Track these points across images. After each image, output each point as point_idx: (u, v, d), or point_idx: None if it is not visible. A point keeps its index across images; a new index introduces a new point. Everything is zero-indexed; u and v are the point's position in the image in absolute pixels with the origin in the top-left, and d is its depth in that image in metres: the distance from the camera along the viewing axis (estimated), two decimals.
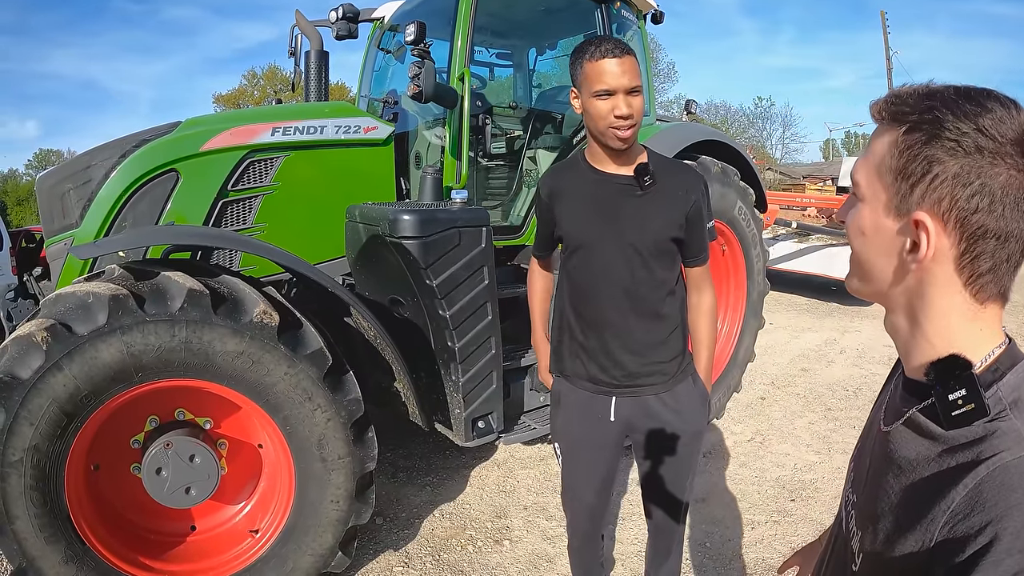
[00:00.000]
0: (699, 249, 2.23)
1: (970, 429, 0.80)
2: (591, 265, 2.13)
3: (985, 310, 0.85)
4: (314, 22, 4.56)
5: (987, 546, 0.71)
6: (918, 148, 0.82)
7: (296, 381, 2.62)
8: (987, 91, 0.82)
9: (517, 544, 3.49)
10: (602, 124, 1.99)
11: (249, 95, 41.79)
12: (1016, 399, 0.80)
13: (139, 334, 2.38)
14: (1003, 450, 0.76)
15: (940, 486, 0.79)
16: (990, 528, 0.71)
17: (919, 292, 0.87)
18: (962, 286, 0.84)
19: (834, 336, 8.04)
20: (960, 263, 0.83)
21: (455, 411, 3.32)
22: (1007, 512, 0.71)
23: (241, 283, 2.71)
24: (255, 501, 2.95)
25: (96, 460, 2.66)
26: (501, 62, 5.23)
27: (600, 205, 2.10)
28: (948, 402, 0.82)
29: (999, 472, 0.74)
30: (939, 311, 0.86)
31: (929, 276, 0.85)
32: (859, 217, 0.92)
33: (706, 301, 2.31)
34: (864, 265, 0.94)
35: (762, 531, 3.68)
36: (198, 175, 3.34)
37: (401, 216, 2.99)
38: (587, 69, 1.97)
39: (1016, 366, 0.84)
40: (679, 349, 2.24)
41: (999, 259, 0.82)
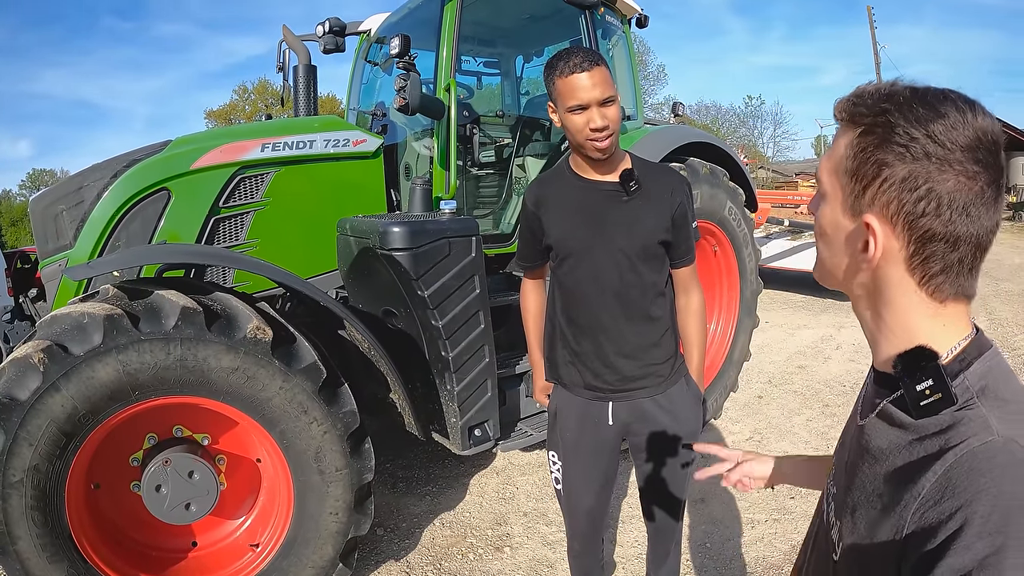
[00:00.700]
0: (686, 250, 2.26)
1: (938, 418, 0.82)
2: (581, 272, 2.15)
3: (945, 308, 0.87)
4: (301, 36, 4.59)
5: (957, 531, 0.72)
6: (870, 151, 0.84)
7: (291, 395, 2.64)
8: (944, 94, 0.83)
9: (518, 551, 3.50)
10: (580, 137, 2.01)
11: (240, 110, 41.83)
12: (983, 387, 0.82)
13: (135, 353, 2.41)
14: (970, 436, 0.78)
15: (910, 474, 0.82)
16: (960, 513, 0.73)
17: (877, 290, 0.90)
18: (916, 286, 0.86)
19: (830, 332, 8.05)
20: (911, 264, 0.85)
21: (451, 420, 3.33)
22: (976, 497, 0.73)
23: (234, 299, 2.73)
24: (255, 515, 2.96)
25: (96, 479, 2.67)
26: (488, 70, 5.26)
27: (587, 212, 2.13)
28: (916, 392, 0.84)
29: (967, 458, 0.76)
30: (898, 308, 0.88)
31: (883, 276, 0.88)
32: (821, 214, 0.95)
33: (694, 302, 2.34)
34: (824, 261, 0.97)
35: (762, 529, 3.69)
36: (189, 193, 3.37)
37: (391, 228, 3.01)
38: (559, 85, 1.99)
39: (983, 355, 0.86)
40: (672, 351, 2.27)
41: (950, 261, 0.83)
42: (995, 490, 0.73)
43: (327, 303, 2.95)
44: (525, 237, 2.33)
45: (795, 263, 9.61)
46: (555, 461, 2.39)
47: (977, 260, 0.85)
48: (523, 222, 2.32)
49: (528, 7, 4.55)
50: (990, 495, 0.72)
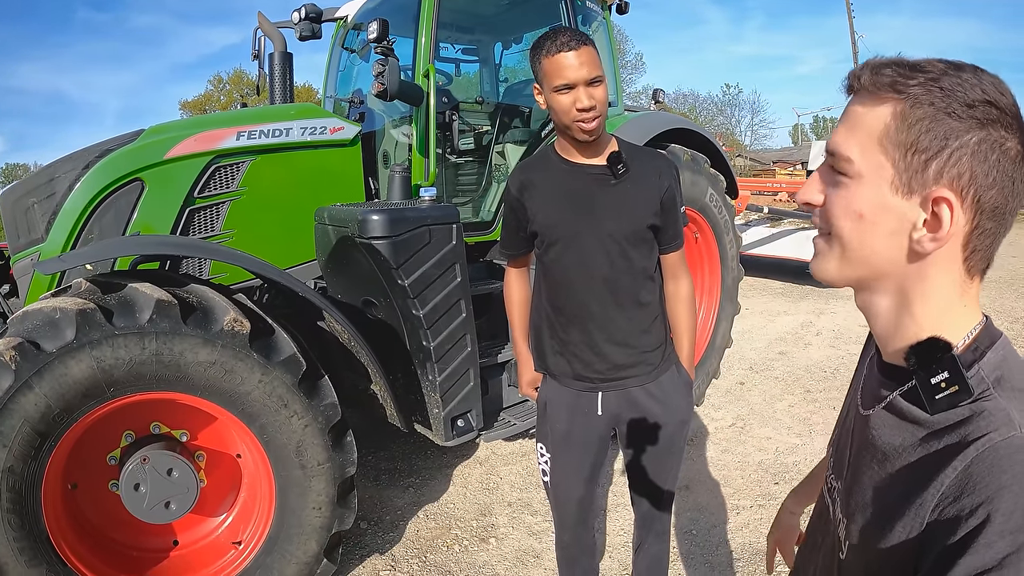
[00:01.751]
0: (674, 235, 2.23)
1: (955, 411, 0.79)
2: (569, 258, 2.11)
3: (972, 284, 0.83)
4: (277, 23, 4.51)
5: (978, 527, 0.70)
6: (930, 121, 0.77)
7: (271, 388, 2.58)
8: (972, 64, 0.79)
9: (503, 541, 3.48)
10: (566, 118, 1.97)
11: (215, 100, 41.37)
12: (999, 377, 0.79)
13: (109, 348, 2.33)
14: (991, 431, 0.75)
15: (928, 470, 0.78)
16: (981, 510, 0.71)
17: (919, 273, 0.83)
18: (962, 262, 0.82)
19: (810, 319, 8.10)
20: (968, 240, 0.80)
21: (433, 411, 3.29)
22: (998, 493, 0.71)
23: (210, 291, 2.67)
24: (236, 512, 2.90)
25: (73, 479, 2.61)
26: (467, 57, 5.20)
27: (574, 197, 2.09)
28: (931, 385, 0.80)
29: (988, 453, 0.73)
30: (933, 289, 0.83)
31: (936, 254, 0.81)
32: (853, 197, 0.84)
33: (684, 288, 2.31)
34: (856, 249, 0.86)
35: (747, 515, 3.69)
36: (163, 183, 3.29)
37: (370, 216, 2.96)
38: (545, 65, 1.95)
39: (995, 344, 0.83)
40: (662, 337, 2.24)
41: (998, 232, 0.80)
42: (1018, 487, 0.70)
43: (306, 294, 2.89)
44: (509, 224, 2.28)
45: (774, 250, 9.66)
46: (543, 452, 2.36)
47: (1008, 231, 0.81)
48: (506, 209, 2.27)
49: None
50: (1012, 492, 0.70)
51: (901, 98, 0.79)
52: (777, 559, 1.57)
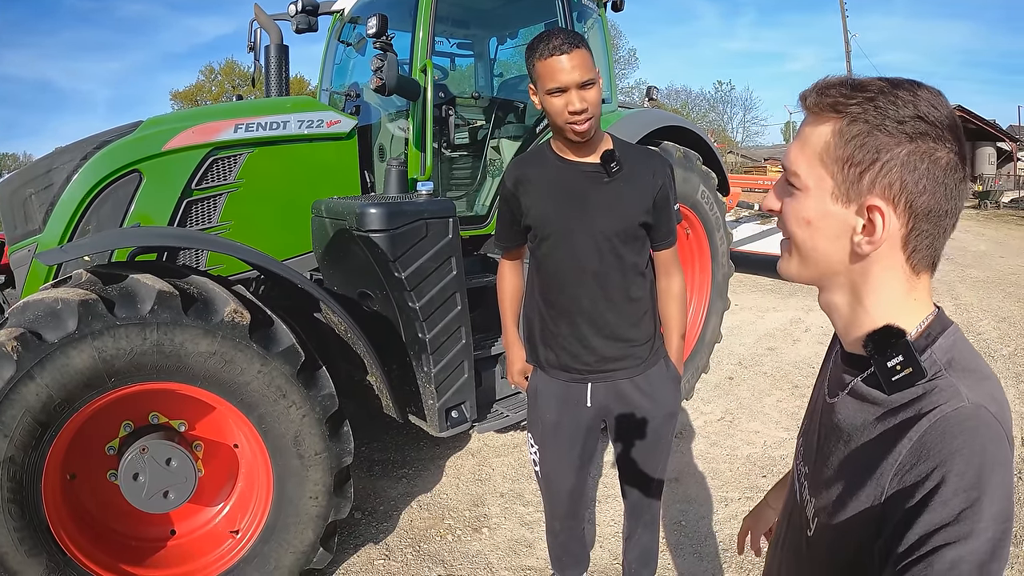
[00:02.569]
0: (667, 232, 2.27)
1: (910, 391, 0.87)
2: (561, 253, 2.16)
3: (919, 280, 0.92)
4: (273, 16, 4.52)
5: (935, 489, 0.78)
6: (864, 137, 0.86)
7: (269, 379, 2.62)
8: (912, 81, 0.88)
9: (496, 531, 3.53)
10: (559, 119, 2.02)
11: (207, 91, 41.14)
12: (950, 360, 0.87)
13: (110, 339, 2.36)
14: (942, 403, 0.83)
15: (886, 443, 0.86)
16: (936, 472, 0.78)
17: (863, 270, 0.92)
18: (903, 262, 0.90)
19: (798, 315, 8.17)
20: (906, 241, 0.89)
21: (428, 402, 3.33)
22: (950, 456, 0.78)
23: (211, 283, 2.70)
24: (234, 501, 2.94)
25: (72, 469, 2.63)
26: (462, 52, 5.22)
27: (568, 193, 2.13)
28: (887, 368, 0.89)
29: (940, 422, 0.81)
30: (880, 285, 0.92)
31: (877, 255, 0.90)
32: (800, 206, 0.95)
33: (675, 285, 2.36)
34: (808, 252, 0.96)
35: (735, 507, 3.75)
36: (161, 175, 3.31)
37: (368, 209, 3.00)
38: (538, 68, 1.99)
39: (946, 330, 0.91)
40: (651, 332, 2.28)
41: (936, 233, 0.89)
42: (967, 450, 0.78)
43: (304, 285, 2.93)
44: (504, 218, 2.33)
45: (765, 247, 9.73)
46: (533, 443, 2.41)
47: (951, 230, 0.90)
48: (501, 202, 2.32)
49: None
50: (964, 454, 0.78)
51: (840, 117, 0.89)
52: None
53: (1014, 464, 0.84)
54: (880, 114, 0.85)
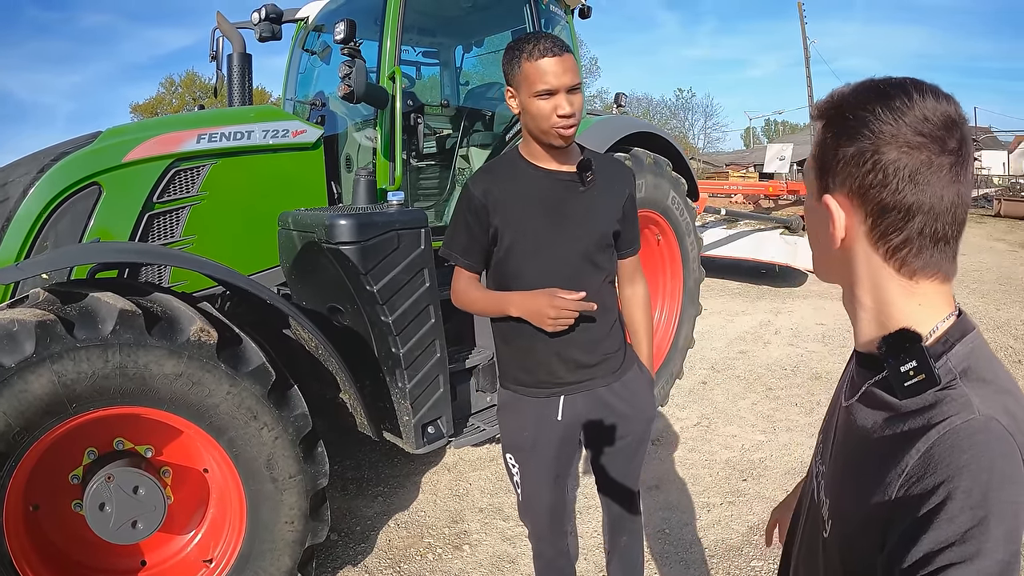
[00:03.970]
0: (632, 239, 2.27)
1: (922, 397, 0.85)
2: (538, 266, 2.08)
3: (918, 286, 0.90)
4: (236, 24, 4.41)
5: (940, 505, 0.75)
6: (830, 139, 0.91)
7: (239, 400, 2.51)
8: (899, 81, 0.89)
9: (477, 548, 3.44)
10: (545, 124, 1.95)
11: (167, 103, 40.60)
12: (965, 368, 0.85)
13: (70, 362, 2.22)
14: (952, 415, 0.80)
15: (895, 452, 0.84)
16: (943, 488, 0.76)
17: (853, 271, 0.94)
18: (883, 261, 0.90)
19: (768, 317, 8.24)
20: (872, 238, 0.90)
21: (403, 418, 3.24)
22: (958, 472, 0.76)
23: (175, 300, 2.58)
24: (205, 529, 2.80)
25: (35, 500, 2.49)
26: (427, 60, 5.16)
27: (546, 204, 2.07)
28: (900, 373, 0.87)
29: (949, 435, 0.79)
30: (871, 285, 0.93)
31: (854, 255, 0.93)
32: (806, 208, 1.03)
33: (640, 291, 2.36)
34: (813, 252, 1.04)
35: (718, 513, 3.73)
36: (121, 188, 3.18)
37: (337, 221, 2.90)
38: (527, 68, 1.92)
39: (965, 336, 0.89)
40: (621, 339, 2.26)
41: (910, 232, 0.87)
42: (975, 465, 0.76)
43: (273, 301, 2.82)
44: (470, 230, 2.12)
45: (732, 251, 9.80)
46: (514, 463, 2.30)
47: (941, 232, 0.87)
48: (466, 214, 2.11)
49: None
50: (971, 470, 0.76)
51: (822, 122, 0.94)
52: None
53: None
54: (842, 116, 0.89)
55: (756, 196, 11.28)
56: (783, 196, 10.80)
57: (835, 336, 7.36)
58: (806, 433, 4.78)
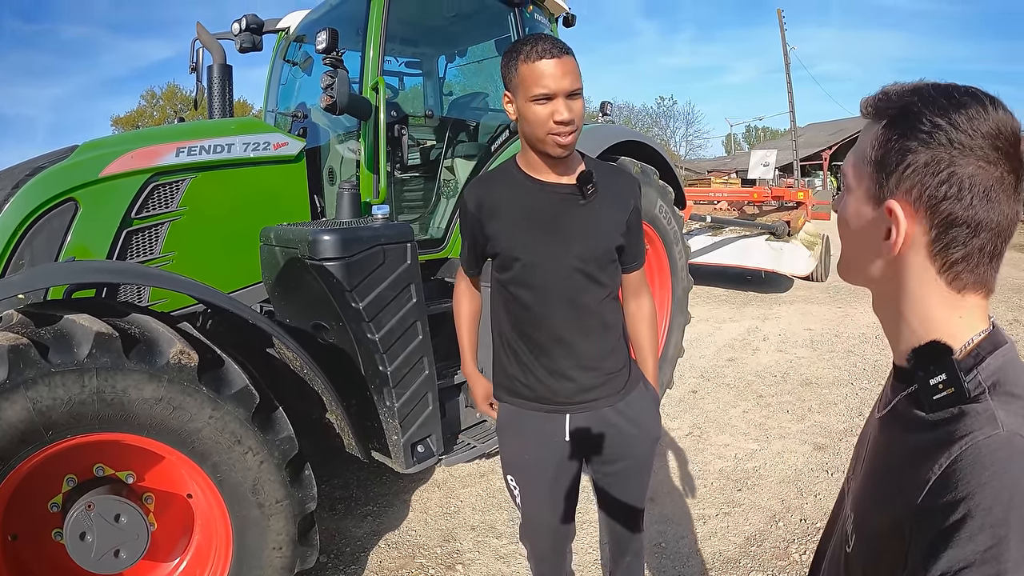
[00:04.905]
0: (637, 253, 2.17)
1: (948, 411, 0.83)
2: (535, 281, 1.99)
3: (964, 299, 0.87)
4: (216, 35, 4.34)
5: (960, 522, 0.73)
6: (895, 140, 0.86)
7: (223, 424, 2.42)
8: (967, 89, 0.85)
9: (471, 567, 3.36)
10: (541, 131, 1.85)
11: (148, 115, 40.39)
12: (995, 382, 0.83)
13: (45, 388, 2.13)
14: (975, 430, 0.78)
15: (918, 466, 0.82)
16: (963, 505, 0.74)
17: (897, 280, 0.90)
18: (936, 274, 0.87)
19: (755, 324, 8.23)
20: (932, 250, 0.86)
21: (392, 437, 3.15)
22: (978, 489, 0.74)
23: (153, 321, 2.49)
24: (190, 556, 2.70)
25: (13, 530, 2.39)
26: (410, 71, 5.10)
27: (542, 217, 1.98)
28: (929, 387, 0.86)
29: (971, 451, 0.77)
30: (917, 298, 0.89)
31: (905, 264, 0.89)
32: (844, 207, 0.97)
33: (646, 306, 2.26)
34: (848, 253, 0.99)
35: (714, 524, 3.68)
36: (99, 204, 3.10)
37: (321, 236, 2.82)
38: (523, 71, 1.83)
39: (997, 350, 0.86)
40: (626, 356, 2.17)
41: (972, 248, 0.84)
42: (997, 483, 0.74)
43: (255, 320, 2.73)
44: (470, 241, 2.14)
45: (717, 258, 9.81)
46: (515, 485, 2.22)
47: (998, 248, 0.85)
48: (463, 227, 2.13)
49: (455, 5, 4.41)
50: (992, 488, 0.74)
51: (882, 122, 0.89)
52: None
53: None
54: (913, 119, 0.85)
55: (741, 202, 11.28)
56: (768, 202, 10.81)
57: (823, 341, 7.38)
58: (798, 440, 4.75)
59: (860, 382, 6.03)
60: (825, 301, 9.46)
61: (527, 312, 2.03)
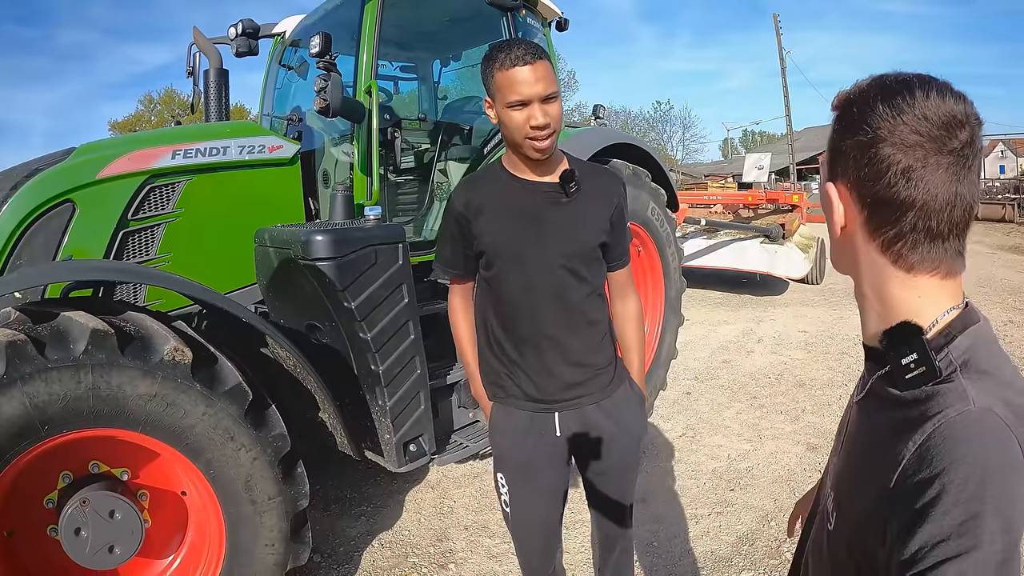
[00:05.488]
0: (622, 252, 2.20)
1: (921, 390, 0.86)
2: (521, 278, 2.02)
3: (917, 280, 0.90)
4: (213, 39, 4.38)
5: (935, 498, 0.76)
6: (836, 130, 0.94)
7: (216, 421, 2.46)
8: (907, 79, 0.89)
9: (463, 566, 3.39)
10: (519, 135, 1.90)
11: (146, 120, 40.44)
12: (966, 360, 0.85)
13: (42, 383, 2.17)
14: (947, 407, 0.81)
15: (893, 445, 0.85)
16: (937, 481, 0.76)
17: (856, 262, 0.95)
18: (879, 252, 0.91)
19: (750, 326, 8.26)
20: (868, 229, 0.91)
21: (384, 437, 3.18)
22: (952, 465, 0.76)
23: (149, 319, 2.53)
24: (185, 553, 2.73)
25: (9, 526, 2.42)
26: (405, 75, 5.14)
27: (526, 215, 2.02)
28: (901, 366, 0.88)
29: (944, 427, 0.80)
30: (874, 278, 0.93)
31: (856, 246, 0.94)
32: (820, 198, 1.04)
33: (632, 305, 2.29)
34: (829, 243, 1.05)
35: (706, 524, 3.71)
36: (96, 205, 3.14)
37: (314, 237, 2.86)
38: (498, 78, 1.87)
39: (968, 329, 0.89)
40: (612, 354, 2.20)
41: (903, 227, 0.88)
42: (971, 458, 0.76)
43: (249, 319, 2.77)
44: (455, 242, 2.14)
45: (712, 261, 9.85)
46: (504, 484, 2.22)
47: (936, 229, 0.87)
48: (450, 226, 2.13)
49: (449, 9, 4.45)
50: (966, 463, 0.76)
51: (836, 114, 0.96)
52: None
53: None
54: (848, 111, 0.91)
55: (736, 206, 11.32)
56: (763, 205, 10.85)
57: (817, 343, 7.41)
58: (791, 441, 4.78)
59: (854, 383, 5.99)
60: (820, 303, 9.50)
61: (512, 308, 2.06)
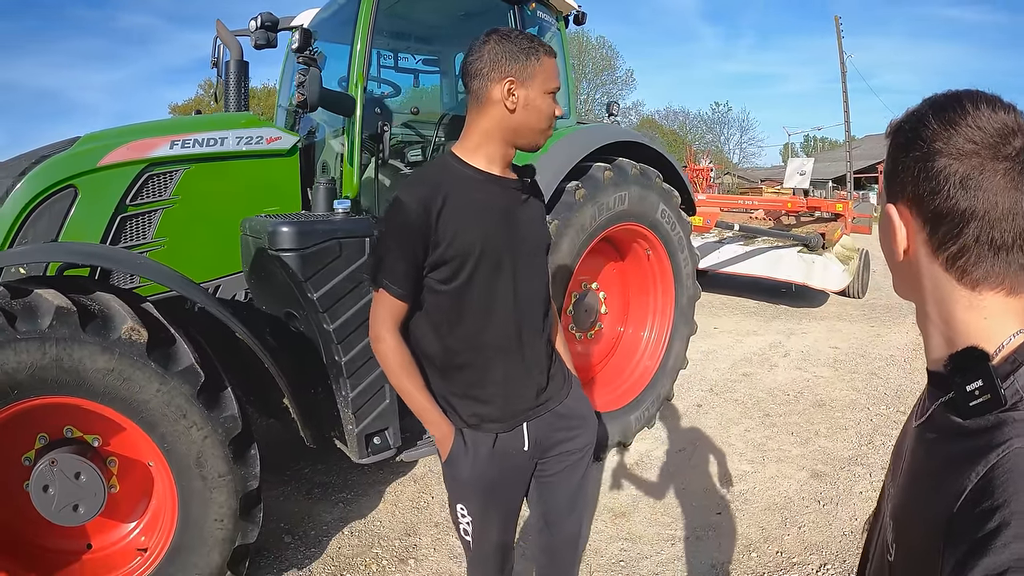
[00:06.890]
0: None
1: (985, 419, 0.82)
2: (496, 281, 1.88)
3: (981, 297, 0.87)
4: (235, 31, 4.51)
5: (995, 531, 0.72)
6: (894, 152, 0.93)
7: (169, 398, 2.59)
8: (958, 95, 0.89)
9: (422, 563, 3.41)
10: (545, 123, 1.88)
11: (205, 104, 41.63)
12: None
13: (11, 352, 2.38)
14: (1014, 437, 0.78)
15: (954, 475, 0.82)
16: (999, 513, 0.73)
17: (920, 285, 0.94)
18: (944, 271, 0.89)
19: (779, 339, 8.02)
20: (931, 246, 0.89)
21: (348, 427, 3.24)
22: (1014, 497, 0.73)
23: (114, 300, 2.66)
24: (146, 520, 2.90)
25: None
26: (428, 68, 5.19)
27: (499, 211, 1.90)
28: (966, 393, 0.85)
29: (1009, 458, 0.77)
30: (938, 300, 0.91)
31: (919, 267, 0.92)
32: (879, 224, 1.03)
33: None
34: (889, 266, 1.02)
35: (681, 547, 3.53)
36: (96, 190, 3.30)
37: (279, 228, 2.95)
38: (546, 63, 1.83)
39: None
40: (551, 351, 2.14)
41: (967, 240, 0.85)
42: None
43: (208, 307, 2.88)
44: (405, 252, 1.81)
45: (746, 268, 9.57)
46: (464, 514, 2.01)
47: (999, 239, 0.84)
48: (403, 233, 1.81)
49: (463, 3, 4.49)
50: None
51: (891, 138, 0.96)
52: None
53: None
54: (903, 129, 0.92)
55: (777, 212, 10.95)
56: (804, 212, 10.48)
57: (847, 361, 7.12)
58: (796, 466, 4.53)
59: (878, 407, 5.72)
60: (858, 319, 9.12)
61: (485, 316, 1.91)
